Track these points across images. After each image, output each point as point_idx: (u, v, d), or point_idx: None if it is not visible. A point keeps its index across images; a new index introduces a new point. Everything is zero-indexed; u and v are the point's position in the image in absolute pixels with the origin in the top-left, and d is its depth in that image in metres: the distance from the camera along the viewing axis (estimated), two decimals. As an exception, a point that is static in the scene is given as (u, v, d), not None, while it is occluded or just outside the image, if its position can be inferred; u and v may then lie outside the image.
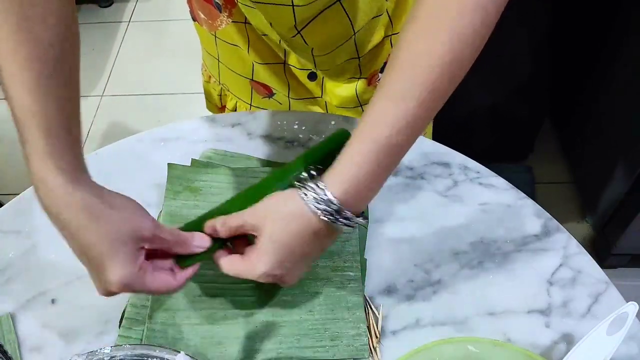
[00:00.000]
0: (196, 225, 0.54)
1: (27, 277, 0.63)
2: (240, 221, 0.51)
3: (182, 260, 0.52)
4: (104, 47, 2.24)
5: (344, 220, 0.48)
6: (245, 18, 0.72)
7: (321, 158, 0.56)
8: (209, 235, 0.53)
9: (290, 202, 0.48)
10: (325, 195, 0.47)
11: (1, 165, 1.85)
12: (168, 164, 0.69)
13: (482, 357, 0.53)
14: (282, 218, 0.48)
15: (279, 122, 0.77)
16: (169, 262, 0.52)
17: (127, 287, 0.47)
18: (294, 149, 0.74)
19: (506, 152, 1.68)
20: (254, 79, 0.81)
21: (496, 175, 0.71)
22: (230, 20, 0.74)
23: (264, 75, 0.80)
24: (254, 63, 0.78)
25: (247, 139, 0.76)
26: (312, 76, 0.79)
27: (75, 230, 0.45)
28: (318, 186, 0.47)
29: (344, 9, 0.67)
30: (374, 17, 0.71)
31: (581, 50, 1.55)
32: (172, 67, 2.14)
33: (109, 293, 0.47)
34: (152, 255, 0.51)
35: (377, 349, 0.57)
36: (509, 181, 0.70)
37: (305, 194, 0.48)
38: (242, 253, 0.52)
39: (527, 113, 1.61)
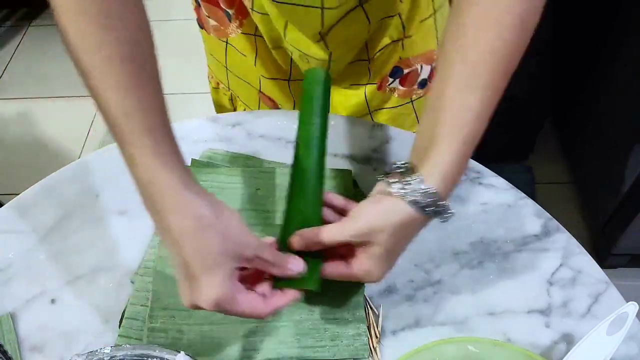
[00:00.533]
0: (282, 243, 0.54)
1: (27, 277, 0.63)
2: (342, 238, 0.50)
3: (278, 281, 0.52)
4: (104, 47, 2.23)
5: (445, 212, 0.49)
6: (256, 30, 0.71)
7: (324, 111, 0.58)
8: (300, 250, 0.52)
9: (397, 210, 0.48)
10: (434, 197, 0.47)
11: (1, 165, 1.85)
12: (168, 164, 0.69)
13: (482, 357, 0.53)
14: (394, 227, 0.48)
15: (279, 122, 0.77)
16: (262, 286, 0.51)
17: (218, 307, 0.45)
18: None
19: (506, 152, 1.68)
20: (261, 90, 0.81)
21: (496, 175, 0.71)
22: (240, 31, 0.73)
23: (270, 89, 0.79)
24: (261, 77, 0.78)
25: (247, 139, 0.76)
26: None
27: (178, 236, 0.44)
28: (424, 189, 0.47)
29: (365, 11, 0.66)
30: (386, 17, 0.70)
31: (581, 51, 1.55)
32: (172, 67, 2.14)
33: (196, 307, 0.46)
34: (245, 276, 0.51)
35: (377, 349, 0.57)
36: (509, 181, 0.70)
37: (414, 201, 0.47)
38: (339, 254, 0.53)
39: (527, 113, 1.61)
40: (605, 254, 1.44)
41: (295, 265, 0.51)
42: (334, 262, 0.52)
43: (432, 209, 0.48)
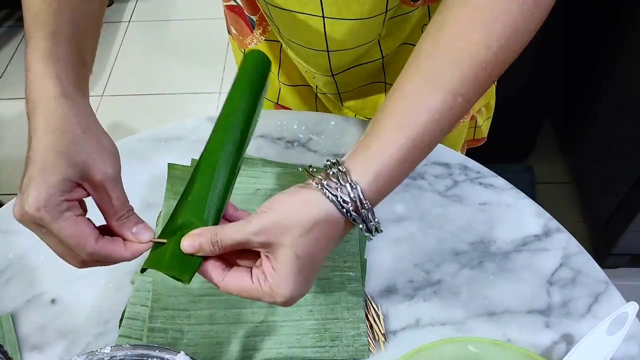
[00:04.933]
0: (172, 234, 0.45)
1: (27, 277, 0.63)
2: (242, 238, 0.41)
3: (149, 261, 0.44)
4: (104, 47, 2.24)
5: (369, 219, 0.41)
6: (280, 36, 0.70)
7: (254, 100, 0.49)
8: (192, 253, 0.43)
9: (313, 205, 0.40)
10: (357, 193, 0.40)
11: (1, 165, 1.85)
12: (168, 164, 0.69)
13: (482, 357, 0.53)
14: (307, 225, 0.39)
15: (279, 122, 0.77)
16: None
17: (39, 215, 0.39)
18: (294, 149, 0.74)
19: (506, 152, 1.68)
20: (279, 102, 0.80)
21: (496, 175, 0.71)
22: (263, 39, 0.73)
23: (290, 98, 0.78)
24: (281, 85, 0.77)
25: (247, 139, 0.76)
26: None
27: (33, 133, 0.41)
28: (349, 182, 0.40)
29: (379, 43, 0.66)
30: (403, 44, 0.69)
31: (581, 50, 1.55)
32: (172, 67, 2.14)
33: (22, 215, 0.40)
34: None
35: (383, 347, 0.57)
36: (509, 181, 0.70)
37: (332, 194, 0.40)
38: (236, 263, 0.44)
39: (527, 113, 1.61)
40: (605, 254, 1.44)
41: (142, 232, 0.44)
42: (235, 271, 0.43)
43: (353, 209, 0.40)
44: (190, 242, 0.42)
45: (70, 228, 0.40)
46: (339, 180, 0.40)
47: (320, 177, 0.41)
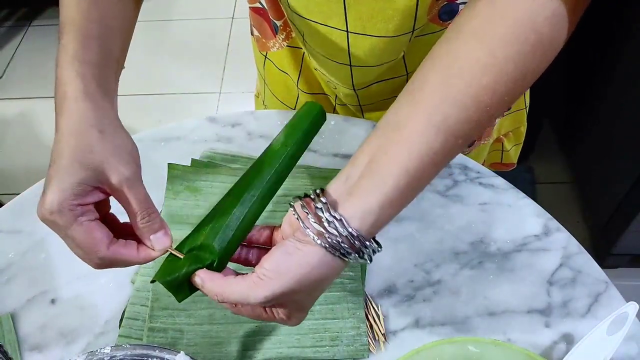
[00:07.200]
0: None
1: (27, 277, 0.63)
2: (254, 301, 0.41)
3: (159, 274, 0.44)
4: (104, 47, 2.24)
5: (371, 252, 0.42)
6: (304, 44, 0.70)
7: (302, 145, 0.51)
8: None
9: (321, 267, 0.41)
10: (358, 240, 0.40)
11: (1, 165, 1.85)
12: (168, 164, 0.69)
13: (482, 357, 0.53)
14: (314, 284, 0.41)
15: (279, 122, 0.77)
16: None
17: (53, 216, 0.40)
18: (294, 149, 0.74)
19: (506, 152, 1.68)
20: (296, 109, 0.80)
21: (496, 175, 0.71)
22: (285, 45, 0.72)
23: None
24: (300, 92, 0.77)
25: (247, 139, 0.76)
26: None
27: (58, 137, 0.42)
28: (347, 233, 0.40)
29: (404, 59, 0.65)
30: None
31: (582, 50, 1.55)
32: (173, 67, 2.14)
33: (40, 216, 0.41)
34: None
35: (383, 346, 0.57)
36: (509, 181, 0.70)
37: (335, 249, 0.40)
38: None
39: (528, 114, 1.61)
40: (605, 254, 1.44)
41: (160, 241, 0.44)
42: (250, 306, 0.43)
43: (354, 254, 0.41)
44: (199, 282, 0.43)
45: (83, 234, 0.42)
46: (338, 231, 0.39)
47: (319, 228, 0.39)
